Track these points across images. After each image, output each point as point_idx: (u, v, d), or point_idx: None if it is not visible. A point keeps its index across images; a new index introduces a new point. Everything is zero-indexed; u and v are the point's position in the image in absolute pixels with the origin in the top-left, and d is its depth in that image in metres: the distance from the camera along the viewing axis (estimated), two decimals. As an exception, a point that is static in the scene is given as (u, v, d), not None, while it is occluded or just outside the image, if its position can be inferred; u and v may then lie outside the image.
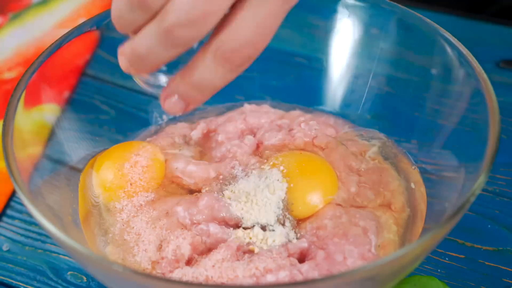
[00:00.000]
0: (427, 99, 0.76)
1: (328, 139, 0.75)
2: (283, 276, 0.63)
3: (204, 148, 0.79)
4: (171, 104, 0.60)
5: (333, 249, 0.65)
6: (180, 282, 0.59)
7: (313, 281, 0.56)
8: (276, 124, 0.79)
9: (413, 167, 0.75)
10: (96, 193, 0.73)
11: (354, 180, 0.72)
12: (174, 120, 0.82)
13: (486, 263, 0.73)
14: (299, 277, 0.63)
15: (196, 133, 0.79)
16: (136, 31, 0.57)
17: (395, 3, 0.76)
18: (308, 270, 0.64)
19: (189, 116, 0.83)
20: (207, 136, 0.80)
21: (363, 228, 0.67)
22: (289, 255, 0.65)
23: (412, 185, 0.74)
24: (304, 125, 0.77)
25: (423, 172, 0.74)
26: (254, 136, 0.77)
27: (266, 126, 0.78)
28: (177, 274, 0.64)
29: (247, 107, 0.81)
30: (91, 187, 0.73)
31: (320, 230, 0.67)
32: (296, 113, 0.81)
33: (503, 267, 0.73)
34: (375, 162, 0.75)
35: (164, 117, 0.83)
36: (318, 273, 0.64)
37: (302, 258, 0.66)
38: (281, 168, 0.70)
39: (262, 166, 0.72)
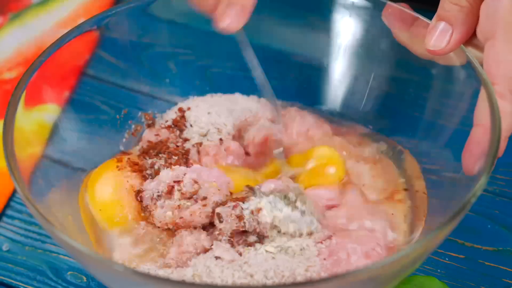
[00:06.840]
0: (428, 99, 0.76)
1: (323, 133, 0.76)
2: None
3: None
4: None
5: (336, 247, 0.65)
6: (180, 282, 0.59)
7: (313, 281, 0.56)
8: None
9: (404, 151, 0.75)
10: (93, 212, 0.71)
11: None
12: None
13: (486, 263, 0.73)
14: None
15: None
16: None
17: (395, 3, 0.76)
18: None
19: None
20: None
21: (367, 226, 0.67)
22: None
23: (413, 185, 0.73)
24: (299, 118, 0.77)
25: (423, 172, 0.74)
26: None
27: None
28: (178, 274, 0.64)
29: (247, 107, 0.81)
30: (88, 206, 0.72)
31: (324, 228, 0.67)
32: (292, 109, 0.80)
33: (503, 267, 0.73)
34: (376, 161, 0.75)
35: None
36: (321, 270, 0.63)
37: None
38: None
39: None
